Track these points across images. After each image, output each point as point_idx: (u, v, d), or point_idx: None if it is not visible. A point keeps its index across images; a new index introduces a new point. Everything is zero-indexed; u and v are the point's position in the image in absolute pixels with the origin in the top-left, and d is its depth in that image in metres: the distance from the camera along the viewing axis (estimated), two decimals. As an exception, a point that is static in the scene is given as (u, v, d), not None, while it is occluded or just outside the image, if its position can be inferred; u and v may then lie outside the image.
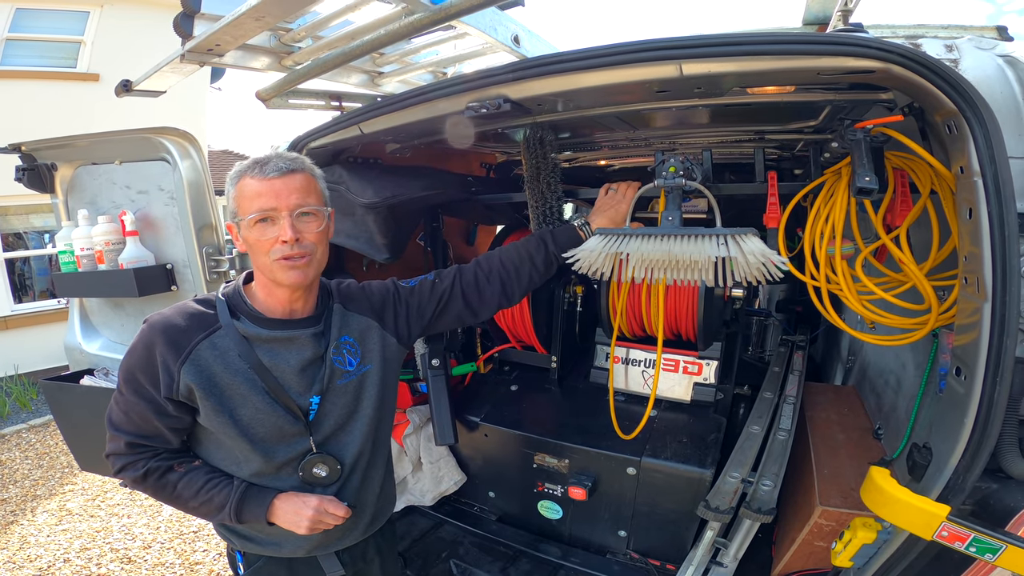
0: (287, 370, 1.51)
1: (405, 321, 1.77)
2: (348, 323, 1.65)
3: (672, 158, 1.89)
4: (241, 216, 1.44)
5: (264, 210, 1.40)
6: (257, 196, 1.41)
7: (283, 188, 1.41)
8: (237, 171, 1.46)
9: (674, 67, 1.45)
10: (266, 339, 1.49)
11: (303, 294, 1.54)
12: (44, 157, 2.78)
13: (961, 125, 1.27)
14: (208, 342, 1.44)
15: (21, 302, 9.05)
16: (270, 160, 1.43)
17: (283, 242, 1.40)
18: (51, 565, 3.85)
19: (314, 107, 2.58)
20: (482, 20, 2.09)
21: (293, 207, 1.42)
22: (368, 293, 1.75)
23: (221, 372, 1.43)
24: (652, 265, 1.76)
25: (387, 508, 1.84)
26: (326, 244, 1.55)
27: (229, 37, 1.76)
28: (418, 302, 1.80)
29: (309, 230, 1.46)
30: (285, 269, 1.43)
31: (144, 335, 1.43)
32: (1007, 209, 1.19)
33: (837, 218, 1.70)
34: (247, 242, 1.46)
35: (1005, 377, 1.21)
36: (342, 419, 1.59)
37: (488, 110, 1.74)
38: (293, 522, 1.49)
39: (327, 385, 1.55)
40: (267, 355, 1.49)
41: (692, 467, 2.12)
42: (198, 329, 1.45)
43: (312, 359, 1.55)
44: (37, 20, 8.53)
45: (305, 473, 1.54)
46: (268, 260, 1.43)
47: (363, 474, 1.66)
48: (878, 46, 1.28)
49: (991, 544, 1.22)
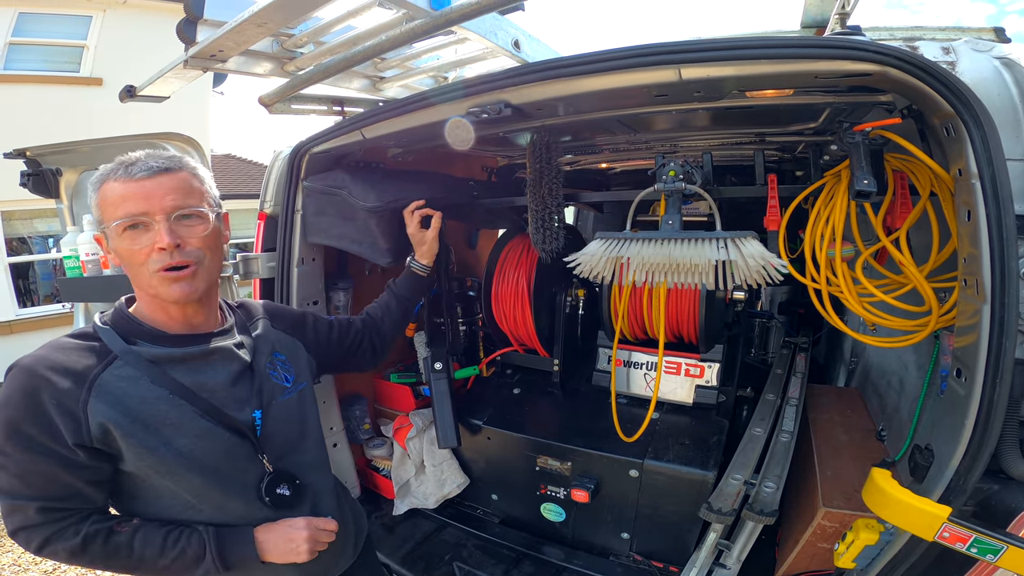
0: (217, 388, 1.33)
1: (316, 349, 1.69)
2: (278, 339, 1.56)
3: (672, 162, 1.89)
4: (106, 224, 1.23)
5: (133, 215, 1.20)
6: (123, 200, 1.21)
7: (155, 189, 1.22)
8: (100, 174, 1.26)
9: (673, 71, 1.46)
10: (180, 357, 1.30)
11: (199, 308, 1.35)
12: (49, 162, 2.80)
13: (958, 127, 1.28)
14: (108, 374, 1.21)
15: (26, 307, 9.08)
16: (138, 160, 1.24)
17: (160, 249, 1.21)
18: (56, 567, 3.85)
19: (316, 112, 2.59)
20: (482, 25, 2.08)
21: (169, 209, 1.22)
22: (291, 315, 1.70)
23: (137, 404, 1.21)
24: (652, 269, 1.77)
25: (362, 521, 1.78)
26: (217, 251, 1.35)
27: (232, 43, 1.76)
28: (337, 338, 1.78)
29: (192, 235, 1.26)
30: (167, 283, 1.24)
31: (17, 380, 1.17)
32: (1005, 211, 1.20)
33: (837, 220, 1.70)
34: (119, 254, 1.25)
35: (1005, 378, 1.21)
36: (293, 438, 1.47)
37: (489, 115, 1.75)
38: (290, 550, 1.34)
39: (268, 400, 1.41)
40: (186, 375, 1.29)
41: (695, 469, 2.11)
42: (90, 361, 1.22)
43: (240, 371, 1.39)
44: (40, 24, 8.57)
45: (271, 496, 1.36)
46: (147, 273, 1.23)
47: (332, 495, 1.57)
48: (874, 49, 1.29)
49: (992, 545, 1.22)
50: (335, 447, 2.67)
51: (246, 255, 2.39)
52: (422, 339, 2.78)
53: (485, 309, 2.78)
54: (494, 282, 2.72)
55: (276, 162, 2.45)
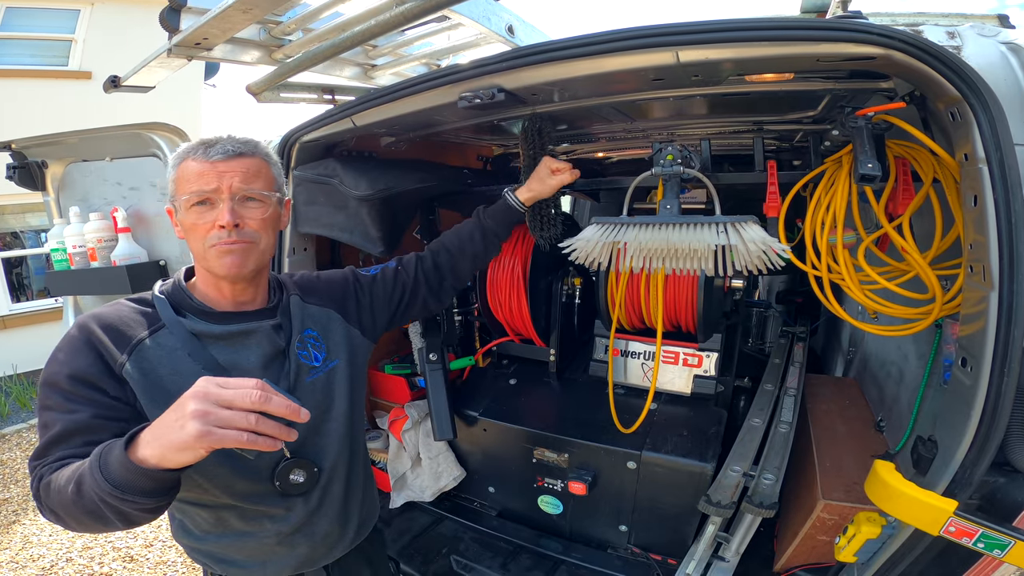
0: (248, 368, 1.36)
1: (369, 312, 1.68)
2: (309, 315, 1.54)
3: (670, 146, 1.86)
4: (178, 197, 1.32)
5: (203, 192, 1.28)
6: (198, 177, 1.29)
7: (227, 170, 1.30)
8: (181, 152, 1.34)
9: (670, 54, 1.42)
10: (219, 335, 1.35)
11: (247, 285, 1.41)
12: (34, 154, 2.76)
13: (965, 112, 1.25)
14: (152, 341, 1.28)
15: (19, 301, 9.04)
16: (218, 142, 1.32)
17: (220, 227, 1.28)
18: (54, 564, 3.85)
19: (306, 100, 2.55)
20: (475, 10, 2.05)
21: (236, 191, 1.30)
22: (327, 283, 1.66)
23: (168, 375, 1.26)
24: (651, 254, 1.74)
25: (373, 514, 1.74)
26: (272, 234, 1.42)
27: (217, 31, 1.72)
28: (382, 292, 1.72)
29: (252, 216, 1.34)
30: (220, 255, 1.30)
31: (72, 333, 1.25)
32: (1014, 196, 1.17)
33: (838, 207, 1.67)
34: (184, 227, 1.33)
35: (1013, 368, 1.18)
36: (315, 420, 1.45)
37: (482, 100, 1.71)
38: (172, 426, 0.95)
39: (294, 382, 1.42)
40: (223, 353, 1.34)
41: (693, 461, 2.09)
42: (141, 327, 1.29)
43: (274, 354, 1.42)
44: (28, 19, 8.49)
45: (282, 482, 1.37)
46: (203, 247, 1.31)
47: (345, 480, 1.55)
48: (879, 32, 1.25)
49: (1000, 540, 1.20)
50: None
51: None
52: (417, 329, 2.75)
53: (480, 298, 2.75)
54: (489, 270, 2.69)
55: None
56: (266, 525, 1.42)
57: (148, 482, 0.99)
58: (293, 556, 1.48)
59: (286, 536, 1.45)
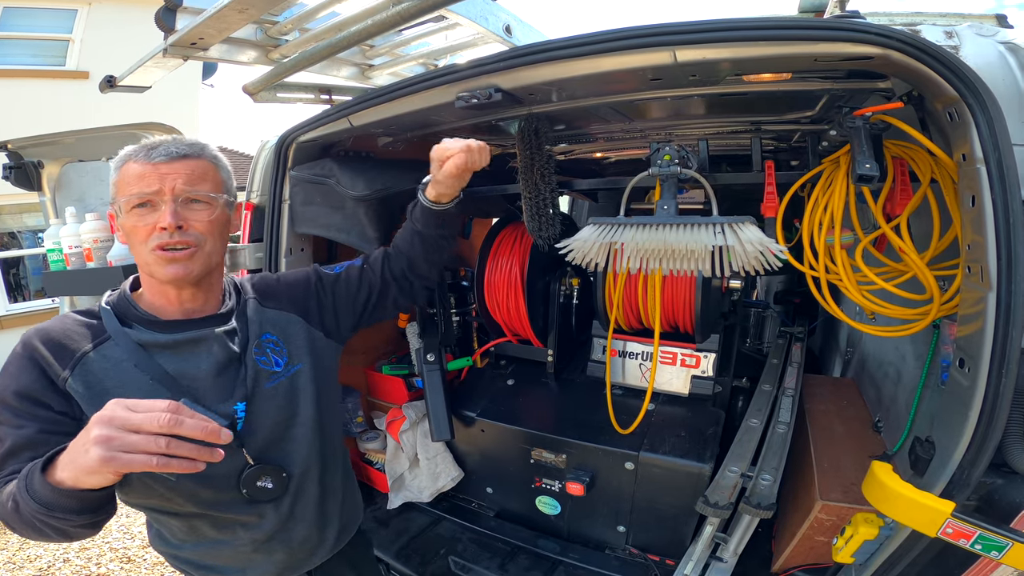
0: (199, 376, 1.32)
1: (332, 313, 1.62)
2: (268, 320, 1.49)
3: (667, 146, 1.86)
4: (118, 199, 1.27)
5: (144, 194, 1.24)
6: (139, 179, 1.25)
7: (169, 172, 1.26)
8: (123, 154, 1.30)
9: (668, 53, 1.41)
10: (166, 344, 1.30)
11: (195, 291, 1.36)
12: (30, 155, 2.75)
13: (963, 112, 1.24)
14: (96, 353, 1.24)
15: (16, 302, 9.02)
16: (161, 144, 1.28)
17: (161, 229, 1.24)
18: (51, 565, 3.84)
19: (303, 100, 2.54)
20: (472, 9, 2.04)
21: (179, 192, 1.26)
22: (287, 285, 1.60)
23: (115, 387, 1.22)
24: (647, 255, 1.74)
25: (355, 516, 1.72)
26: (220, 237, 1.37)
27: (213, 30, 1.71)
28: (346, 292, 1.65)
29: (197, 218, 1.29)
30: (163, 262, 1.25)
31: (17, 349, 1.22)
32: (1012, 196, 1.16)
33: (836, 207, 1.67)
34: (124, 230, 1.29)
35: (1011, 368, 1.18)
36: (280, 426, 1.42)
37: (479, 100, 1.70)
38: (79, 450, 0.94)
39: (252, 389, 1.37)
40: (171, 362, 1.30)
41: (691, 461, 2.09)
42: (85, 340, 1.25)
43: (228, 361, 1.36)
44: (25, 19, 8.48)
45: (249, 488, 1.34)
46: (145, 251, 1.26)
47: (319, 484, 1.51)
48: (877, 31, 1.25)
49: (997, 542, 1.19)
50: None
51: (233, 246, 2.34)
52: (414, 330, 2.74)
53: (478, 298, 2.75)
54: (487, 270, 2.68)
55: (263, 152, 2.41)
56: (239, 533, 1.40)
57: (72, 502, 0.99)
58: (271, 563, 1.46)
59: (262, 543, 1.43)
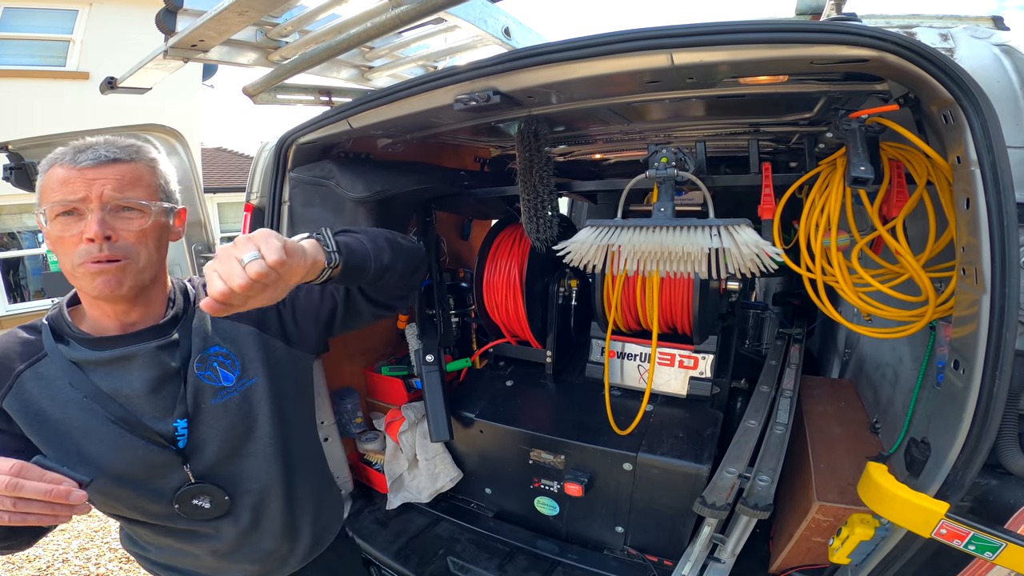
0: (132, 394, 1.26)
1: (292, 321, 1.51)
2: (218, 331, 1.39)
3: (664, 149, 1.87)
4: (42, 206, 1.19)
5: (67, 201, 1.15)
6: (62, 185, 1.15)
7: (96, 178, 1.16)
8: (50, 157, 1.21)
9: (665, 56, 1.42)
10: (98, 361, 1.25)
11: (130, 306, 1.28)
12: (31, 156, 2.76)
13: (958, 114, 1.25)
14: (31, 372, 1.21)
15: (16, 302, 9.04)
16: (90, 147, 1.19)
17: (88, 240, 1.14)
18: (50, 565, 3.83)
19: (303, 102, 2.55)
20: (471, 12, 2.05)
21: (107, 199, 1.17)
22: None
23: (50, 406, 1.19)
24: (644, 257, 1.75)
25: (331, 527, 1.69)
26: (156, 247, 1.27)
27: (213, 32, 1.72)
28: (306, 302, 1.53)
29: (127, 228, 1.20)
30: (90, 276, 1.16)
31: None
32: (1006, 198, 1.17)
33: (832, 209, 1.68)
34: (50, 240, 1.20)
35: (1005, 370, 1.18)
36: (232, 443, 1.37)
37: (478, 103, 1.71)
38: None
39: (195, 405, 1.31)
40: (105, 380, 1.24)
41: (689, 462, 2.09)
42: (20, 359, 1.22)
43: (163, 377, 1.29)
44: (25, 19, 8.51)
45: (183, 506, 1.30)
46: (72, 264, 1.17)
47: (284, 497, 1.46)
48: (872, 34, 1.26)
49: (990, 542, 1.20)
50: (326, 441, 2.64)
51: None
52: (413, 331, 2.75)
53: (477, 299, 2.75)
54: (486, 272, 2.69)
55: (263, 153, 2.42)
56: (200, 543, 1.39)
57: None
58: (240, 571, 1.44)
59: (224, 554, 1.42)
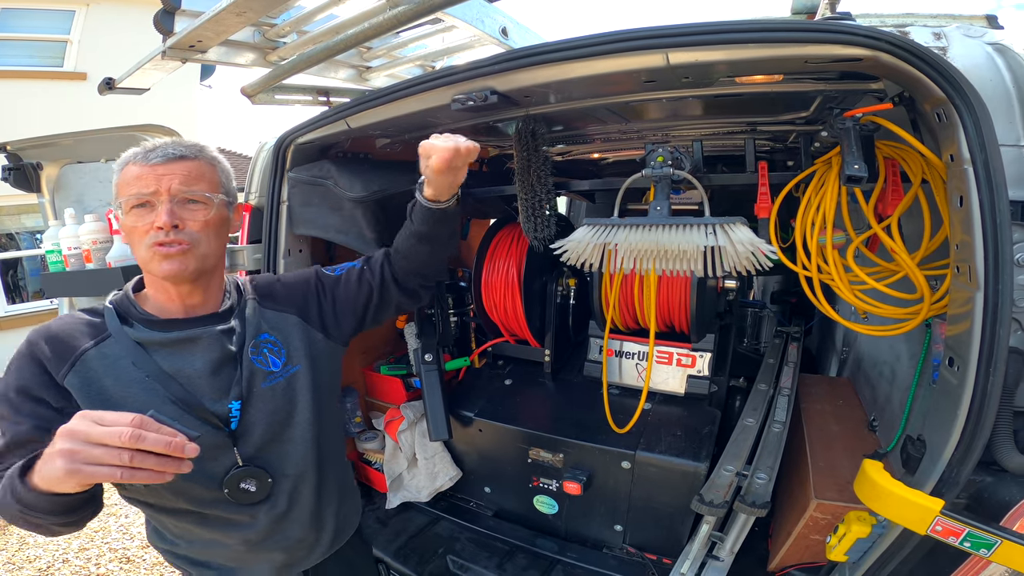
0: (194, 374, 1.35)
1: (332, 314, 1.63)
2: (266, 320, 1.51)
3: (660, 148, 1.87)
4: (118, 200, 1.33)
5: (141, 195, 1.29)
6: (137, 180, 1.30)
7: (166, 173, 1.31)
8: (124, 157, 1.35)
9: (661, 56, 1.43)
10: (163, 342, 1.34)
11: (193, 288, 1.39)
12: (29, 156, 2.76)
13: (950, 113, 1.25)
14: (96, 351, 1.28)
15: (14, 303, 9.03)
16: (159, 146, 1.34)
17: (158, 228, 1.28)
18: (50, 566, 3.84)
19: (301, 102, 2.55)
20: (469, 12, 2.05)
21: (175, 192, 1.31)
22: (287, 287, 1.62)
23: (112, 385, 1.27)
24: (640, 255, 1.75)
25: (352, 518, 1.73)
26: (217, 237, 1.41)
27: (211, 33, 1.73)
28: (345, 294, 1.65)
29: (193, 218, 1.33)
30: (159, 259, 1.29)
31: (27, 345, 1.28)
32: (998, 196, 1.17)
33: (828, 207, 1.68)
34: (125, 230, 1.34)
35: (998, 367, 1.19)
36: (275, 427, 1.44)
37: (475, 102, 1.72)
38: (46, 460, 1.00)
39: (247, 389, 1.40)
40: (168, 360, 1.33)
41: (687, 460, 2.10)
42: (85, 338, 1.30)
43: (223, 360, 1.39)
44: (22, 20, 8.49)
45: (231, 490, 1.35)
46: (144, 249, 1.31)
47: (316, 486, 1.52)
48: (865, 33, 1.27)
49: (986, 539, 1.20)
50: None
51: (232, 247, 2.35)
52: (412, 330, 2.76)
53: (475, 299, 2.76)
54: (484, 271, 2.70)
55: (261, 153, 2.42)
56: (231, 533, 1.42)
57: (49, 504, 1.04)
58: (267, 561, 1.48)
59: (255, 543, 1.44)
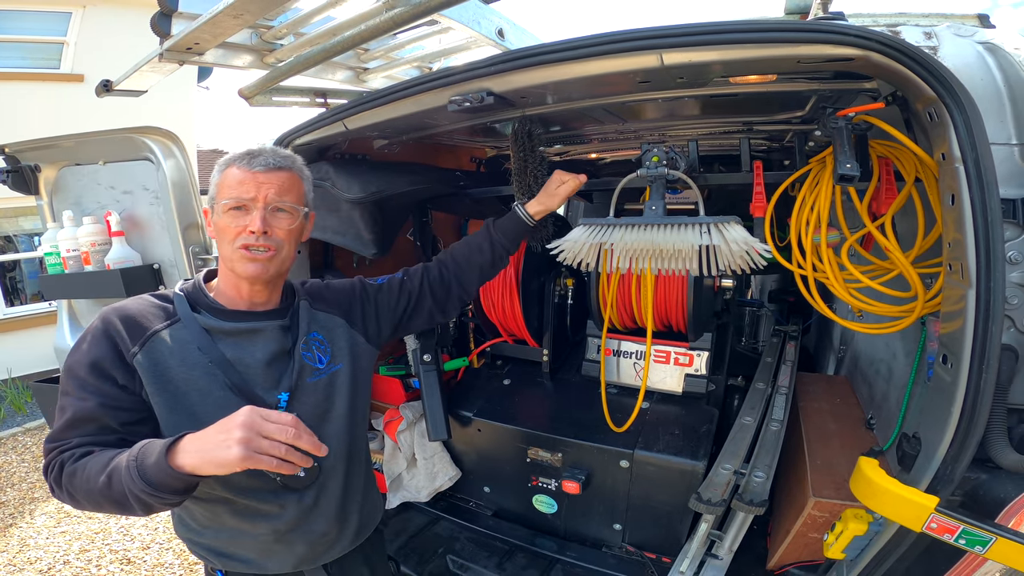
0: (252, 364, 1.43)
1: (375, 320, 1.73)
2: (316, 320, 1.60)
3: (656, 148, 1.88)
4: (218, 200, 1.43)
5: (241, 199, 1.40)
6: (239, 184, 1.40)
7: (265, 181, 1.41)
8: (227, 159, 1.45)
9: (655, 57, 1.44)
10: (228, 331, 1.44)
11: (264, 288, 1.50)
12: (27, 158, 2.76)
13: (942, 112, 1.26)
14: (167, 333, 1.37)
15: (13, 306, 9.02)
16: (261, 153, 1.44)
17: (250, 232, 1.39)
18: (51, 567, 3.84)
19: (299, 104, 2.56)
20: (465, 14, 2.06)
21: (270, 201, 1.41)
22: (335, 292, 1.72)
23: (177, 367, 1.34)
24: (636, 255, 1.76)
25: (374, 516, 1.77)
26: (294, 244, 1.52)
27: (208, 35, 1.73)
28: (387, 301, 1.77)
29: (280, 226, 1.44)
30: (245, 260, 1.41)
31: (101, 321, 1.34)
32: (989, 194, 1.18)
33: (822, 206, 1.69)
34: (217, 227, 1.44)
35: (991, 364, 1.20)
36: (315, 420, 1.50)
37: (471, 104, 1.73)
38: (218, 444, 1.09)
39: (296, 382, 1.48)
40: (230, 348, 1.42)
41: (684, 459, 2.11)
42: (157, 320, 1.38)
43: (279, 353, 1.48)
44: (18, 21, 8.44)
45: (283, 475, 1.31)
46: (231, 248, 1.41)
47: (343, 481, 1.58)
48: (856, 33, 1.27)
49: (981, 536, 1.21)
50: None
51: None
52: (411, 331, 2.76)
53: (474, 299, 2.76)
54: (483, 273, 2.70)
55: (259, 155, 2.42)
56: (260, 523, 1.45)
57: (179, 484, 1.12)
58: (291, 553, 1.51)
59: (282, 534, 1.47)
